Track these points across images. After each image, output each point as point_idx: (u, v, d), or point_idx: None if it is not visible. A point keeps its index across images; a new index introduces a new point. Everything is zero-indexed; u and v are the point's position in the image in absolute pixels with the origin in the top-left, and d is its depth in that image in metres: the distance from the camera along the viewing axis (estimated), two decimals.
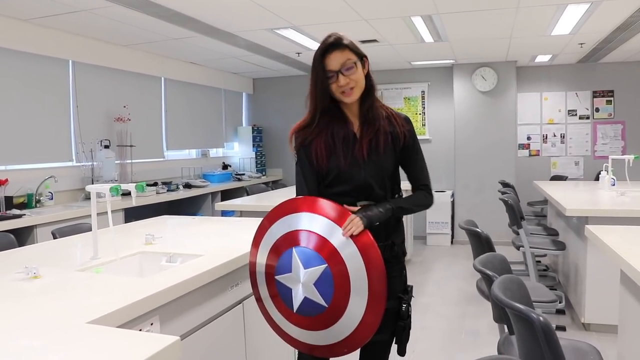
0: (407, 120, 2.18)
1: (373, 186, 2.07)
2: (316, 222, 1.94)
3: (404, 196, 2.21)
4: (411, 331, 2.18)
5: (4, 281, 1.99)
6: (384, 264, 1.87)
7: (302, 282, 1.92)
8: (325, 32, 2.09)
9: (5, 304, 1.73)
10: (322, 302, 1.91)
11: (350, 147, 2.07)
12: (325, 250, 1.90)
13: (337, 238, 1.90)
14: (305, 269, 1.91)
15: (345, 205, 1.99)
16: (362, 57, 2.06)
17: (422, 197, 2.20)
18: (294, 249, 1.95)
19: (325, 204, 1.96)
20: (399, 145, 2.13)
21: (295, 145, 2.14)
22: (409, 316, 2.12)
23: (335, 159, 2.06)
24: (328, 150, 2.07)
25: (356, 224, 1.91)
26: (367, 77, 2.08)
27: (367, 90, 2.09)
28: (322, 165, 2.08)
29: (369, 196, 2.07)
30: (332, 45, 2.01)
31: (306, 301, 1.93)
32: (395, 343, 2.15)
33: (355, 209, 1.99)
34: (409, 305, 2.12)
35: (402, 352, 2.15)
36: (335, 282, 1.88)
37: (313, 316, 1.95)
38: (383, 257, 2.01)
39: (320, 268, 1.89)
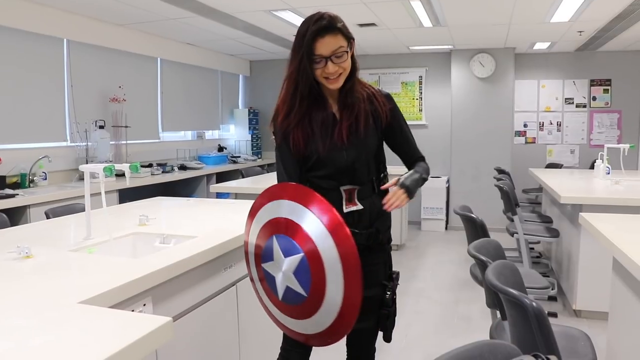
0: (388, 98, 2.13)
1: (356, 168, 2.03)
2: (293, 210, 1.87)
3: (388, 176, 2.18)
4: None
5: None
6: (358, 256, 1.76)
7: (283, 270, 1.88)
8: None
9: None
10: (302, 291, 1.86)
11: (329, 132, 2.02)
12: (301, 238, 1.84)
13: (312, 226, 1.82)
14: (285, 257, 1.87)
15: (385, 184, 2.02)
16: (350, 40, 1.97)
17: (427, 166, 2.19)
18: (274, 237, 1.90)
19: (302, 191, 1.88)
20: (381, 125, 2.09)
21: (277, 135, 2.07)
22: (394, 302, 2.10)
23: (314, 144, 2.01)
24: (305, 136, 2.01)
25: (400, 197, 1.90)
26: (351, 58, 1.99)
27: (350, 72, 2.01)
28: (300, 151, 2.03)
29: (353, 178, 2.04)
30: (325, 28, 1.89)
31: (288, 290, 1.89)
32: (380, 330, 2.14)
33: (393, 183, 1.99)
34: (393, 293, 2.09)
35: (388, 338, 2.13)
36: (312, 272, 1.82)
37: (297, 305, 1.91)
38: (366, 244, 2.01)
39: (298, 257, 1.84)
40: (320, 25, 1.89)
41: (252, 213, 2.01)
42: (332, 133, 2.02)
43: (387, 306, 2.08)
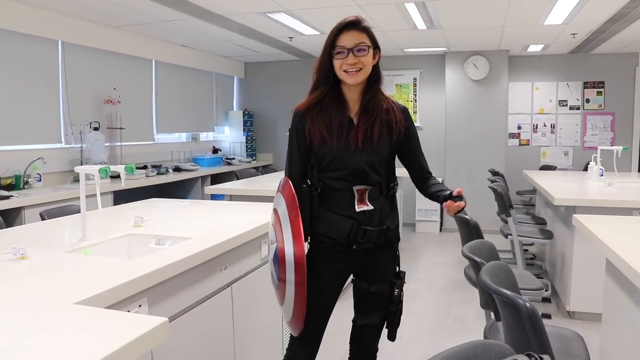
0: (405, 114, 2.19)
1: (368, 171, 2.08)
2: (284, 213, 2.00)
3: (398, 185, 2.25)
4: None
5: None
6: (306, 293, 1.91)
7: (270, 257, 2.08)
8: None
9: None
10: (276, 278, 2.04)
11: (344, 134, 2.07)
12: (278, 233, 2.02)
13: (287, 238, 1.95)
14: (271, 245, 2.08)
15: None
16: (375, 47, 2.07)
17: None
18: (271, 224, 2.12)
19: (294, 205, 1.97)
20: (394, 136, 2.14)
21: (292, 124, 2.17)
22: (401, 301, 2.17)
23: (329, 144, 2.07)
24: (322, 136, 2.07)
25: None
26: (376, 68, 2.10)
27: (373, 81, 2.10)
28: (316, 150, 2.10)
29: (365, 181, 2.09)
30: (351, 23, 2.03)
31: (272, 274, 2.10)
32: (386, 327, 2.18)
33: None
34: (401, 290, 2.17)
35: (392, 337, 2.18)
36: (280, 263, 1.98)
37: (276, 290, 2.10)
38: (378, 242, 2.11)
39: (274, 246, 2.03)
40: (347, 21, 2.04)
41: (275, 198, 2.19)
42: (347, 135, 2.08)
43: (395, 303, 2.16)
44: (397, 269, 2.22)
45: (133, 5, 4.93)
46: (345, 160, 2.06)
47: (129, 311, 1.72)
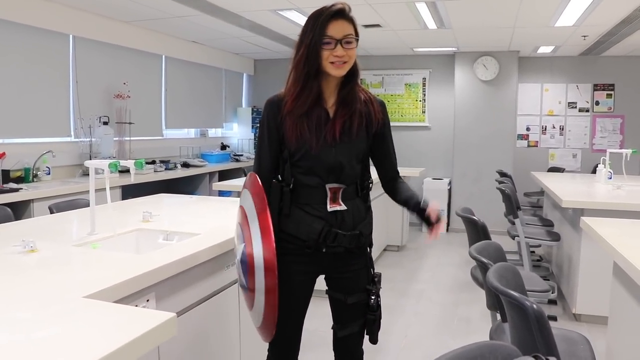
0: (382, 107, 2.13)
1: (344, 166, 2.00)
2: (250, 209, 1.90)
3: (372, 183, 2.17)
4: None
5: (0, 254, 1.99)
6: (277, 294, 1.78)
7: (238, 258, 1.96)
8: None
9: (1, 277, 1.74)
10: (244, 281, 1.94)
11: (322, 129, 1.98)
12: (245, 231, 1.92)
13: (255, 236, 1.84)
14: (238, 245, 1.97)
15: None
16: (357, 36, 1.98)
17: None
18: (237, 223, 2.02)
19: (261, 198, 1.85)
20: (372, 130, 2.08)
21: (264, 115, 2.08)
22: (379, 307, 2.09)
23: (308, 141, 1.97)
24: (301, 132, 1.97)
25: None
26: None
27: (351, 72, 2.00)
28: (290, 144, 2.00)
29: (339, 177, 2.00)
30: (340, 12, 1.93)
31: (240, 276, 1.99)
32: (367, 334, 2.12)
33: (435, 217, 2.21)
34: (377, 296, 2.08)
35: (374, 341, 2.12)
36: (248, 263, 1.86)
37: (246, 294, 1.99)
38: (349, 247, 2.02)
39: (242, 246, 1.92)
40: (336, 9, 1.93)
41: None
42: (325, 129, 1.99)
43: (372, 311, 2.06)
44: (372, 271, 2.13)
45: (144, 1, 4.95)
46: (319, 155, 1.97)
47: (136, 306, 1.74)
